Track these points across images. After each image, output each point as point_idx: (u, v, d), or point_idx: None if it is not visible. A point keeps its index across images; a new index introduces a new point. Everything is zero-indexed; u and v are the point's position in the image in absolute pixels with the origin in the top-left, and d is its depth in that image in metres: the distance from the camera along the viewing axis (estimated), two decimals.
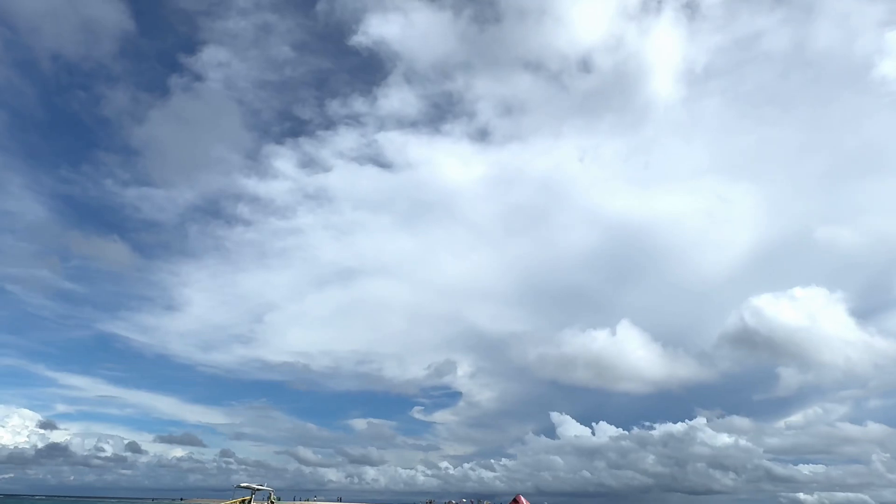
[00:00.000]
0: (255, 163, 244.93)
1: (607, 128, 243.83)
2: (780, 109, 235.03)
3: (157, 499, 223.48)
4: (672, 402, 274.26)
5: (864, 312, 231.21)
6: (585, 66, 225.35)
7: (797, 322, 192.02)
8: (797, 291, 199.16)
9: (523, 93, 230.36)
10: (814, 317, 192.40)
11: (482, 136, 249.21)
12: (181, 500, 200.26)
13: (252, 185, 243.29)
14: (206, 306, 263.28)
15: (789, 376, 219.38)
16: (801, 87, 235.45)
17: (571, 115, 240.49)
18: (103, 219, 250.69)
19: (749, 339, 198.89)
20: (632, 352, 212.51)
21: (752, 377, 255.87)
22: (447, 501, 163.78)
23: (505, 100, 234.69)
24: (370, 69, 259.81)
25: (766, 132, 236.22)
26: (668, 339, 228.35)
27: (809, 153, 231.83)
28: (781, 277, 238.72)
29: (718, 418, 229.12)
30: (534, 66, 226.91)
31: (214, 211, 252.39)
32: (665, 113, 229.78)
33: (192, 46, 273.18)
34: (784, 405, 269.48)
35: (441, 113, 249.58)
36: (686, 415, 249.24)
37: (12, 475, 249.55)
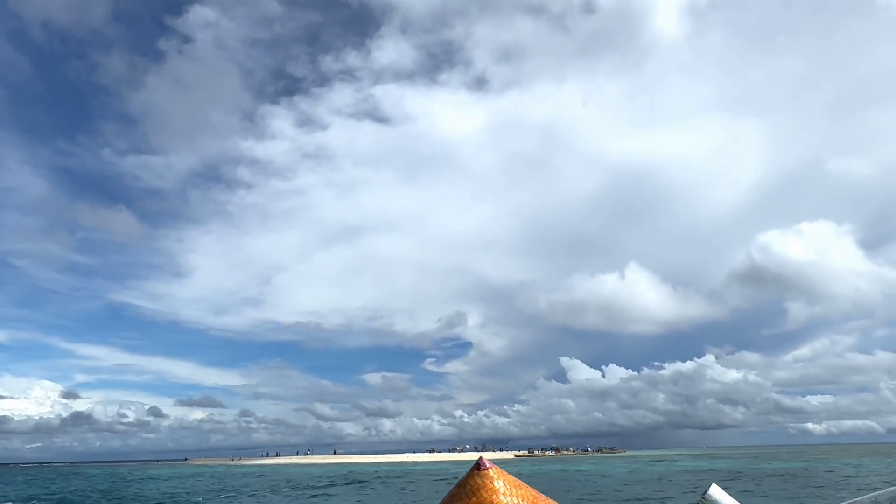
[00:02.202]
0: (252, 124, 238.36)
1: (611, 69, 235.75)
2: (785, 40, 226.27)
3: (161, 460, 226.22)
4: (681, 342, 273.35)
5: (873, 243, 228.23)
6: (588, 6, 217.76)
7: (805, 257, 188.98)
8: (804, 226, 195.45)
9: (525, 38, 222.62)
10: (822, 251, 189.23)
11: (480, 84, 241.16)
12: (185, 460, 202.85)
13: (250, 147, 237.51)
14: (214, 271, 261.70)
15: (797, 310, 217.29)
16: (804, 16, 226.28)
17: (574, 59, 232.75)
18: (105, 189, 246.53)
19: (758, 276, 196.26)
20: (641, 294, 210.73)
21: (760, 313, 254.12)
22: (451, 448, 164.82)
23: (504, 46, 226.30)
24: (362, 21, 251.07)
25: (771, 64, 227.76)
26: (677, 279, 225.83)
27: (816, 84, 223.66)
28: (789, 213, 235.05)
29: (728, 355, 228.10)
30: (535, 10, 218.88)
31: (215, 175, 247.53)
32: (670, 50, 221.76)
33: (177, 7, 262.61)
34: (792, 338, 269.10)
35: (437, 63, 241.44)
36: (695, 353, 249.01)
37: (39, 444, 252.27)
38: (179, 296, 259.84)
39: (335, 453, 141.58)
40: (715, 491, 1.43)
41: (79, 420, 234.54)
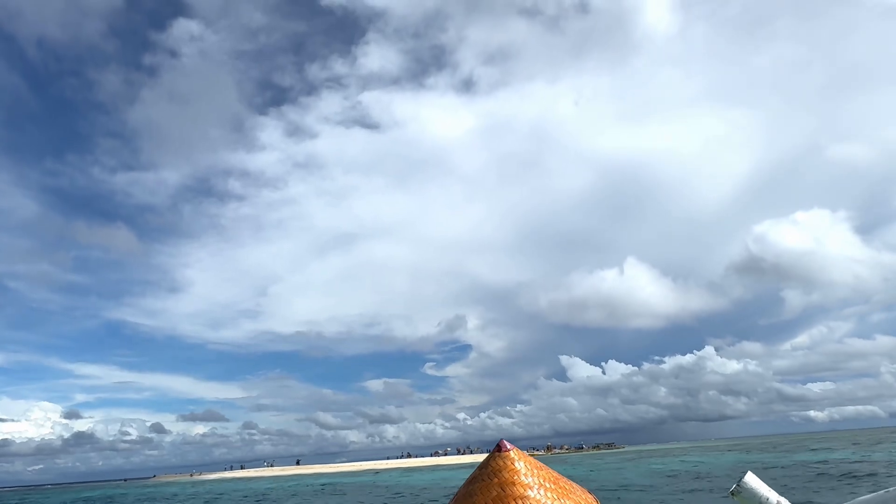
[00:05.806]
0: (241, 136, 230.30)
1: (602, 66, 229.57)
2: (770, 28, 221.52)
3: (129, 479, 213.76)
4: (680, 335, 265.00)
5: (869, 227, 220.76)
6: (582, 6, 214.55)
7: (802, 245, 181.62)
8: (799, 215, 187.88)
9: (518, 39, 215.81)
10: (818, 239, 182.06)
11: (467, 86, 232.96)
12: (153, 476, 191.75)
13: (240, 159, 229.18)
14: (209, 285, 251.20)
15: (793, 298, 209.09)
16: (788, 3, 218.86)
17: (567, 59, 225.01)
18: (97, 207, 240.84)
19: (756, 267, 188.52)
20: (641, 288, 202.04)
21: (759, 303, 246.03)
22: (434, 451, 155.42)
23: (494, 48, 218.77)
24: (346, 28, 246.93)
25: (758, 53, 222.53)
26: (677, 272, 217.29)
27: (804, 71, 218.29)
28: (784, 202, 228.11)
29: (728, 346, 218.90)
30: (529, 12, 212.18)
31: (206, 189, 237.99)
32: (659, 45, 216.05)
33: (161, 22, 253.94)
34: (790, 327, 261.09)
35: (424, 67, 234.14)
36: (695, 346, 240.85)
37: (41, 466, 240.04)
38: (176, 311, 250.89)
39: (298, 463, 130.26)
40: (750, 478, 1.31)
41: (81, 440, 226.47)
